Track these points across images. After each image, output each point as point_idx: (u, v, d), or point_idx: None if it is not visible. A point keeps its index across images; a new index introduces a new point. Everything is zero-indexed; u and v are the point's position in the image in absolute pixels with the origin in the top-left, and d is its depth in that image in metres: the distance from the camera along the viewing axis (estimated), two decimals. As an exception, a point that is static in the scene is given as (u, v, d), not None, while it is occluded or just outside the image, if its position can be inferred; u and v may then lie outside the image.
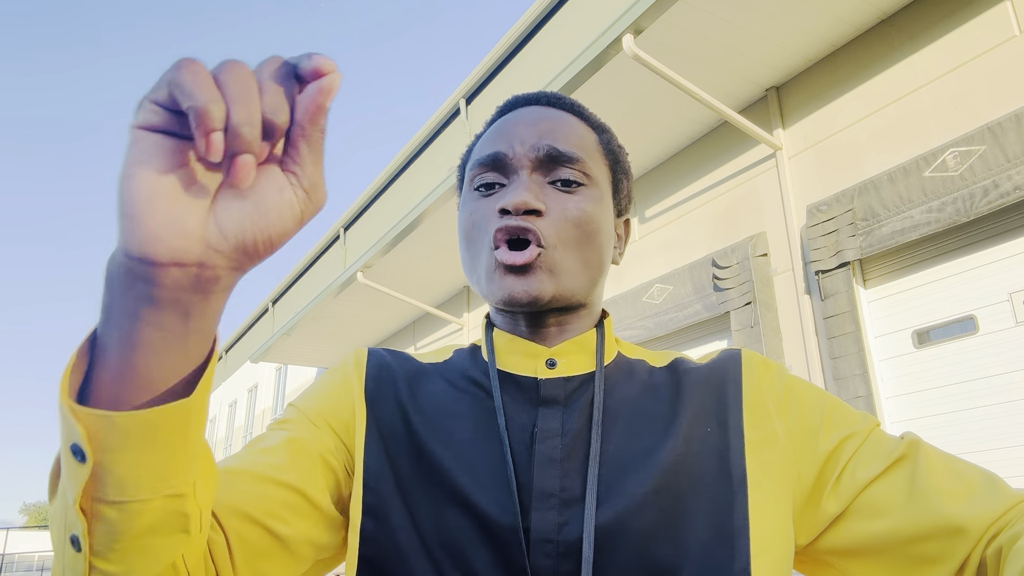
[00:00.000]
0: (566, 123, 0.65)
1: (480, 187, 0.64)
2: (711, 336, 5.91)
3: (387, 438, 0.61)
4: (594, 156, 0.65)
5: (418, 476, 0.58)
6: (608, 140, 0.69)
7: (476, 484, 0.56)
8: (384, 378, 0.65)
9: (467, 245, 0.65)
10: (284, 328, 11.24)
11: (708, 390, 0.63)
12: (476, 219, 0.63)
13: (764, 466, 0.58)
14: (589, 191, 0.63)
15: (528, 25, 8.86)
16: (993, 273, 4.23)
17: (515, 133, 0.63)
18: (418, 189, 11.56)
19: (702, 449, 0.58)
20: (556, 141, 0.62)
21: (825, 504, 0.58)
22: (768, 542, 0.55)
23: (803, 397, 0.63)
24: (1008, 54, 4.20)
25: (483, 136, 0.68)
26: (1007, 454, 4.00)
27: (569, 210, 0.61)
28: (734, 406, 0.61)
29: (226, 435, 21.36)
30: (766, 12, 4.78)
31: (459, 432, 0.60)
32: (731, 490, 0.56)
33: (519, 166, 0.62)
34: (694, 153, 6.27)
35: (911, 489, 0.56)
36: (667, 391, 0.63)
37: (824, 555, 0.60)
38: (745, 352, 0.67)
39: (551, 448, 0.58)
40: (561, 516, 0.55)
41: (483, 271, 0.63)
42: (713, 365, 0.65)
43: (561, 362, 0.63)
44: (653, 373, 0.66)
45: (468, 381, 0.65)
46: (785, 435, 0.60)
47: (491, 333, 0.68)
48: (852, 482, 0.57)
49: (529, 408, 0.61)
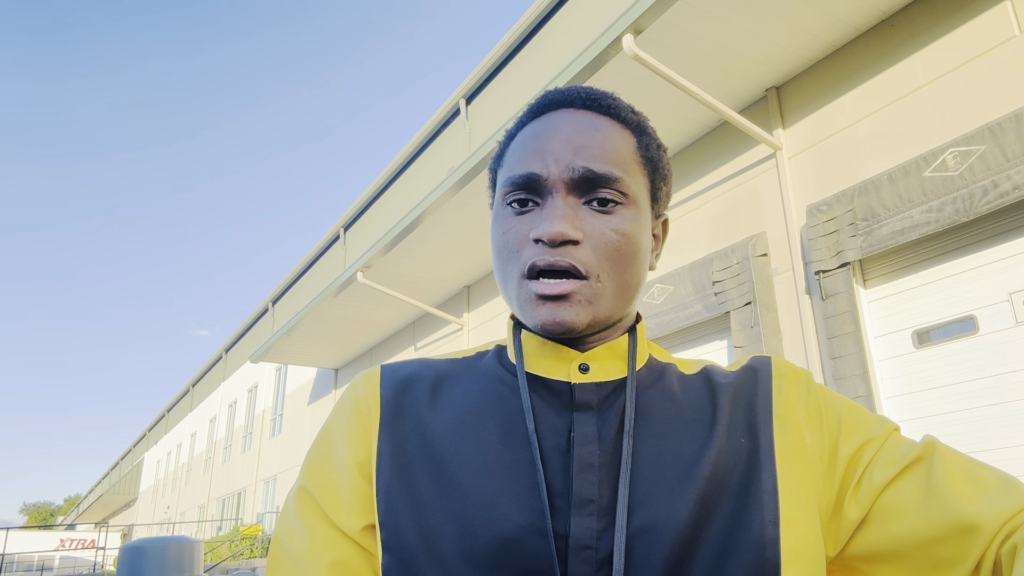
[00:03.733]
0: (602, 133, 0.62)
1: (513, 203, 0.62)
2: (711, 336, 5.91)
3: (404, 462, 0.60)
4: (632, 169, 0.63)
5: (440, 493, 0.57)
6: (647, 144, 0.66)
7: (503, 489, 0.56)
8: (403, 396, 0.64)
9: (499, 263, 0.63)
10: (284, 328, 11.24)
11: (739, 400, 0.63)
12: (509, 239, 0.62)
13: (794, 475, 0.58)
14: (627, 210, 0.61)
15: (528, 25, 8.86)
16: (993, 273, 4.23)
17: (549, 149, 0.61)
18: (418, 189, 11.56)
19: (735, 459, 0.58)
20: (591, 160, 0.60)
21: (848, 510, 0.58)
22: (799, 551, 0.55)
23: (828, 406, 0.63)
24: (1008, 54, 4.20)
25: (516, 144, 0.65)
26: (1007, 454, 4.00)
27: (607, 235, 0.59)
28: (764, 416, 0.61)
29: (226, 435, 21.36)
30: (766, 12, 4.78)
31: (486, 436, 0.59)
32: (762, 499, 0.56)
33: (554, 188, 0.60)
34: (694, 153, 6.27)
35: (926, 490, 0.56)
36: (700, 397, 0.63)
37: (852, 561, 0.60)
38: (775, 360, 0.66)
39: (589, 454, 0.57)
40: (600, 523, 0.54)
41: (514, 295, 0.61)
42: (743, 374, 0.65)
43: (594, 367, 0.62)
44: (684, 379, 0.66)
45: (496, 381, 0.64)
46: (813, 445, 0.60)
47: (519, 335, 0.66)
48: (870, 486, 0.58)
49: (563, 413, 0.60)
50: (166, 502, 29.17)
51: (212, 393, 24.12)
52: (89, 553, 30.22)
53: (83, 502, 47.85)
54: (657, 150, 0.67)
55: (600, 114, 0.65)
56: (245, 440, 19.22)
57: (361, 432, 0.63)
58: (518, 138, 0.65)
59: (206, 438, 23.88)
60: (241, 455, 19.36)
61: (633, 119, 0.66)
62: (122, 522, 39.52)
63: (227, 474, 20.48)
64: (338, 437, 0.64)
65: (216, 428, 22.73)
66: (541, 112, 0.66)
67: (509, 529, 0.54)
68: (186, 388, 28.36)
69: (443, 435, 0.60)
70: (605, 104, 0.65)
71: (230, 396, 21.63)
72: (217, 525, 20.51)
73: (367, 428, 0.63)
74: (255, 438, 18.20)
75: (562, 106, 0.65)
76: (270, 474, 16.82)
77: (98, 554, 23.23)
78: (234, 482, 19.57)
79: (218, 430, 22.41)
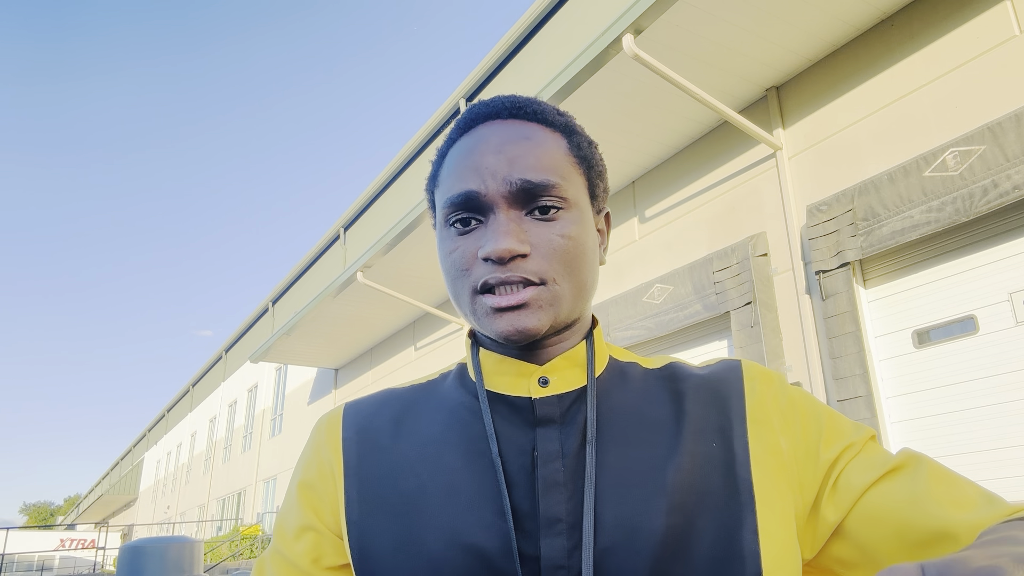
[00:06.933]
0: (533, 141, 0.62)
1: (455, 223, 0.61)
2: (711, 336, 5.91)
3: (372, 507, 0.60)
4: (567, 171, 0.62)
5: (409, 532, 0.57)
6: (578, 143, 0.65)
7: (471, 519, 0.56)
8: (366, 436, 0.64)
9: (451, 284, 0.63)
10: (284, 328, 11.24)
11: (710, 403, 0.62)
12: (456, 260, 0.61)
13: (770, 481, 0.58)
14: (569, 213, 0.61)
15: (528, 25, 8.86)
16: (993, 273, 4.23)
17: (483, 164, 0.60)
18: (418, 189, 11.55)
19: (708, 465, 0.58)
20: (527, 171, 0.59)
21: (825, 513, 0.58)
22: (779, 557, 0.55)
23: (804, 410, 0.63)
24: (1008, 54, 4.20)
25: (449, 162, 0.64)
26: (1007, 454, 4.00)
27: (555, 241, 0.59)
28: (738, 420, 0.61)
29: (226, 435, 21.36)
30: (766, 12, 4.78)
31: (452, 463, 0.60)
32: (739, 506, 0.56)
33: (494, 204, 0.59)
34: (694, 153, 6.27)
35: (910, 496, 0.56)
36: (665, 396, 0.63)
37: (827, 563, 0.60)
38: (745, 363, 0.66)
39: (554, 471, 0.57)
40: (570, 541, 0.54)
41: (470, 311, 0.61)
42: (712, 376, 0.64)
43: (554, 379, 0.62)
44: (648, 377, 0.65)
45: (458, 406, 0.64)
46: (789, 449, 0.60)
47: (477, 353, 0.66)
48: (849, 489, 0.57)
49: (527, 429, 0.60)
50: (166, 502, 29.18)
51: (212, 393, 24.13)
52: (89, 553, 30.23)
53: (83, 502, 47.88)
54: (589, 147, 0.67)
55: (528, 121, 0.64)
56: (245, 440, 19.22)
57: (324, 488, 0.64)
58: (450, 156, 0.64)
59: (206, 438, 23.89)
60: (241, 455, 19.36)
61: (561, 121, 0.65)
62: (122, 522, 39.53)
63: (227, 474, 20.49)
64: (303, 496, 0.65)
65: (216, 428, 22.73)
66: (469, 127, 0.65)
67: (480, 559, 0.54)
68: (186, 388, 28.36)
69: (408, 471, 0.60)
70: (531, 110, 0.64)
71: (230, 396, 21.63)
72: (217, 525, 20.51)
73: (330, 480, 0.64)
74: (255, 438, 18.20)
75: (489, 118, 0.64)
76: (270, 474, 16.82)
77: (98, 554, 23.24)
78: (234, 482, 19.57)
79: (218, 430, 22.41)
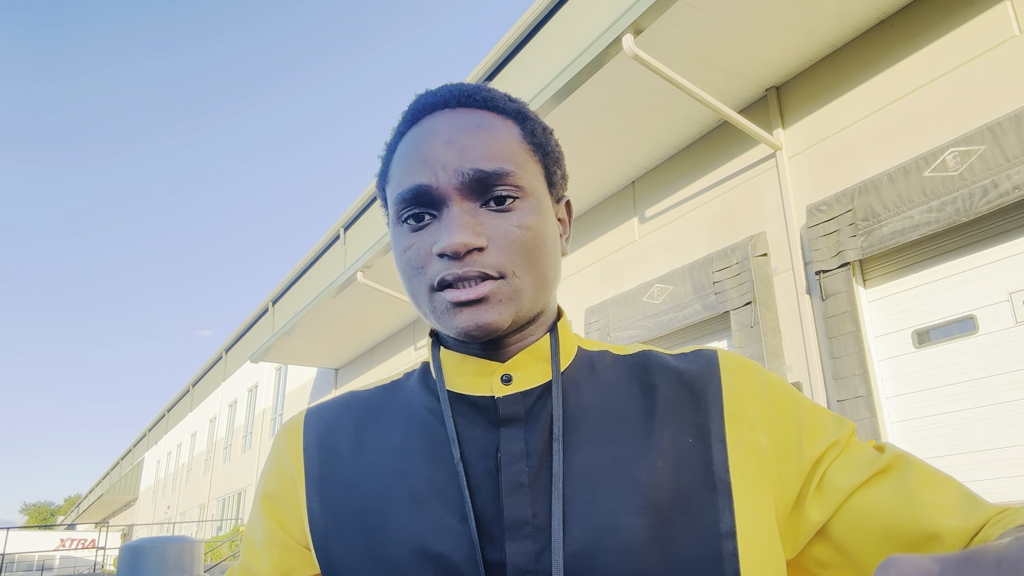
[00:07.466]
0: (484, 129, 0.59)
1: (408, 219, 0.59)
2: (711, 336, 5.91)
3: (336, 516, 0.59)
4: (522, 159, 0.60)
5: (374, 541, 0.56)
6: (532, 129, 0.62)
7: (436, 526, 0.54)
8: (327, 444, 0.63)
9: (407, 282, 0.60)
10: (284, 328, 11.24)
11: (684, 396, 0.60)
12: (411, 257, 0.59)
13: (748, 477, 0.56)
14: (526, 203, 0.58)
15: (528, 25, 8.86)
16: (993, 273, 4.23)
17: (433, 156, 0.57)
18: (418, 189, 11.53)
19: (683, 462, 0.56)
20: (479, 160, 0.57)
21: (809, 512, 0.56)
22: (758, 556, 0.53)
23: (784, 403, 0.60)
24: (1008, 54, 4.20)
25: (398, 156, 0.62)
26: (1007, 454, 4.00)
27: (512, 232, 0.57)
28: (715, 415, 0.58)
29: (226, 435, 21.36)
30: (766, 12, 4.78)
31: (415, 468, 0.58)
32: (716, 504, 0.54)
33: (447, 197, 0.57)
34: (694, 153, 6.27)
35: (899, 499, 0.55)
36: (636, 388, 0.61)
37: (808, 564, 0.58)
38: (722, 354, 0.63)
39: (518, 473, 0.55)
40: (537, 544, 0.53)
41: (428, 309, 0.59)
42: (687, 367, 0.62)
43: (517, 376, 0.60)
44: (617, 365, 0.63)
45: (420, 408, 0.62)
46: (769, 445, 0.58)
47: (438, 352, 0.64)
48: (835, 490, 0.56)
49: (490, 430, 0.58)
50: (166, 502, 29.17)
51: (212, 393, 24.13)
52: (89, 553, 30.23)
53: (83, 502, 47.87)
54: (544, 133, 0.64)
55: (478, 109, 0.61)
56: (245, 440, 19.22)
57: (287, 499, 0.63)
58: (399, 149, 0.62)
59: (206, 438, 23.89)
60: (241, 455, 19.36)
61: (512, 107, 0.63)
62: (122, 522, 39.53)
63: (227, 474, 20.49)
64: (267, 510, 0.64)
65: (216, 428, 22.73)
66: (417, 119, 0.62)
67: (444, 567, 0.53)
68: (186, 388, 28.37)
69: (371, 478, 0.59)
70: (481, 98, 0.62)
71: (230, 396, 21.63)
72: (217, 525, 20.51)
73: (292, 490, 0.63)
74: (255, 438, 18.20)
75: (437, 108, 0.62)
76: (270, 474, 16.81)
77: (98, 554, 23.24)
78: (234, 482, 19.57)
79: (218, 430, 22.40)
